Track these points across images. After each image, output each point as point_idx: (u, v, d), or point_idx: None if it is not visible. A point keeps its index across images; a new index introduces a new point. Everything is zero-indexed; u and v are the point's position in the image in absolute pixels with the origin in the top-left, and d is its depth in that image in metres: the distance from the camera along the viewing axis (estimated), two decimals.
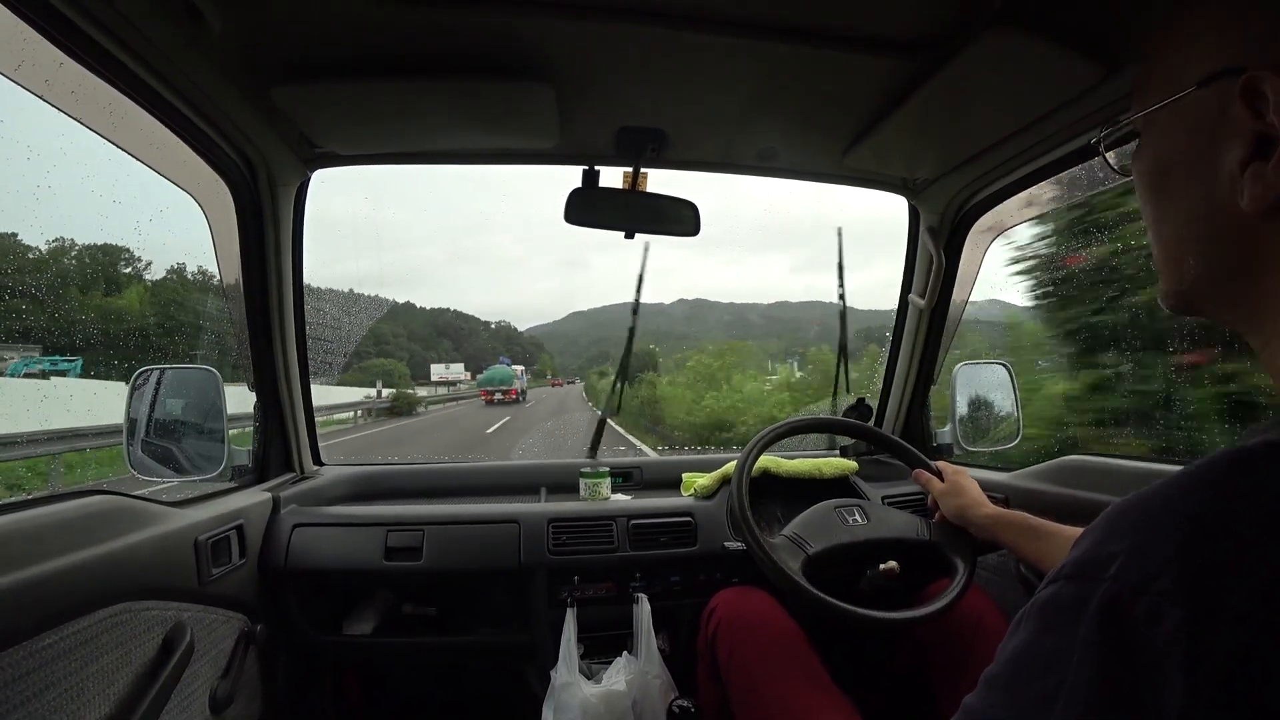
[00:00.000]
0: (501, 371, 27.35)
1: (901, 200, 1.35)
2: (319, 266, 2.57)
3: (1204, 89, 0.35)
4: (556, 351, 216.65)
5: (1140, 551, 0.27)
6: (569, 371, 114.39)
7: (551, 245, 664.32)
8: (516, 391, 25.68)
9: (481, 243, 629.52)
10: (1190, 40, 0.37)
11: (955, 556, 0.96)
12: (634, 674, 1.04)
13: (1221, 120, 0.34)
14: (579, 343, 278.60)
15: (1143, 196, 0.41)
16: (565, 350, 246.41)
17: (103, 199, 2.61)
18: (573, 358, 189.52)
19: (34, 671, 0.57)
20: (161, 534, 0.79)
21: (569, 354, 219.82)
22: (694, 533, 1.18)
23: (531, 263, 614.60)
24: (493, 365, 30.60)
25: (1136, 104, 0.40)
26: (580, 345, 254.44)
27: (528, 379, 33.56)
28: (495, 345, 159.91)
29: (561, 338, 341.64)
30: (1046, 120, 0.93)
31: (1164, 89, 0.37)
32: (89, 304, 13.47)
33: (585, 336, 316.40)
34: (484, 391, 25.91)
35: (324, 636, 1.12)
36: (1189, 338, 2.01)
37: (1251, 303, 0.35)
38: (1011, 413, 1.42)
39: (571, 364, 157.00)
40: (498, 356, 61.78)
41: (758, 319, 77.87)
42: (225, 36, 0.75)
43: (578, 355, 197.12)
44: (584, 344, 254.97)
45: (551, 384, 69.40)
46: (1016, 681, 0.30)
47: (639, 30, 0.77)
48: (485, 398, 25.35)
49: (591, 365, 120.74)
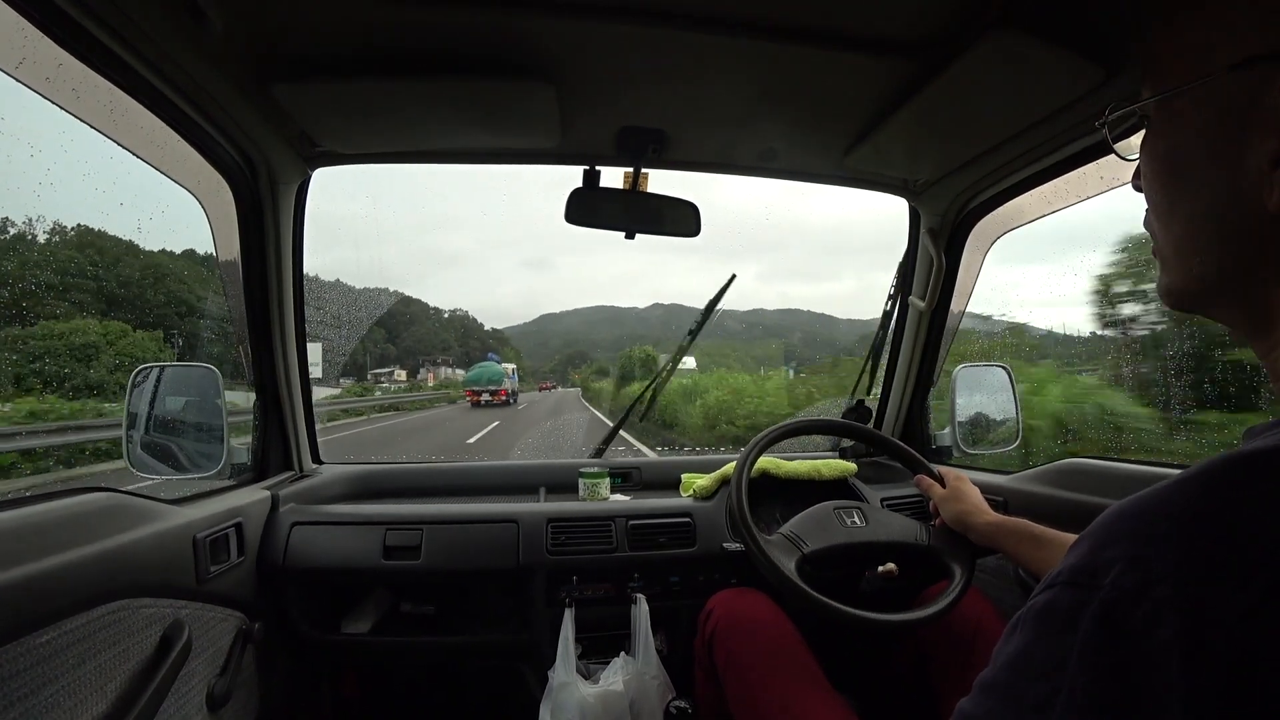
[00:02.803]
0: (490, 370, 22.88)
1: (868, 206, 1.36)
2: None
3: (1235, 74, 0.32)
4: (526, 353, 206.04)
5: (1138, 558, 0.27)
6: (540, 375, 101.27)
7: (520, 247, 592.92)
8: (506, 392, 22.12)
9: (445, 242, 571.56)
10: (1220, 21, 0.34)
11: (953, 563, 0.95)
12: (632, 674, 1.04)
13: (1253, 109, 0.31)
14: (549, 345, 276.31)
15: (1151, 186, 0.39)
16: (535, 353, 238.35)
17: (105, 197, 2.62)
18: (543, 359, 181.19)
19: (31, 668, 0.57)
20: (160, 531, 0.79)
21: (539, 356, 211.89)
22: (693, 533, 1.18)
23: (493, 264, 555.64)
24: (480, 363, 25.46)
25: (1151, 85, 0.38)
26: (551, 348, 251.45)
27: (519, 379, 28.61)
28: (447, 338, 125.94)
29: (532, 338, 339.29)
30: (1048, 122, 0.93)
31: (1187, 71, 0.35)
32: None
33: (557, 339, 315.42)
34: (470, 391, 22.46)
35: (322, 635, 1.12)
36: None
37: (1260, 304, 0.34)
38: (1011, 415, 1.42)
39: (543, 366, 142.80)
40: (444, 349, 46.68)
41: (737, 325, 77.19)
42: (227, 35, 0.75)
43: (548, 358, 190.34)
44: (555, 346, 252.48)
45: (540, 388, 59.09)
46: (1012, 687, 0.30)
47: (641, 30, 0.77)
48: (471, 399, 22.06)
49: (567, 367, 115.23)
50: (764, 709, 0.85)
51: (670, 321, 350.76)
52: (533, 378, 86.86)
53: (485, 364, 23.58)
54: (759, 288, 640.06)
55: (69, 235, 21.66)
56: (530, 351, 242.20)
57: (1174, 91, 0.36)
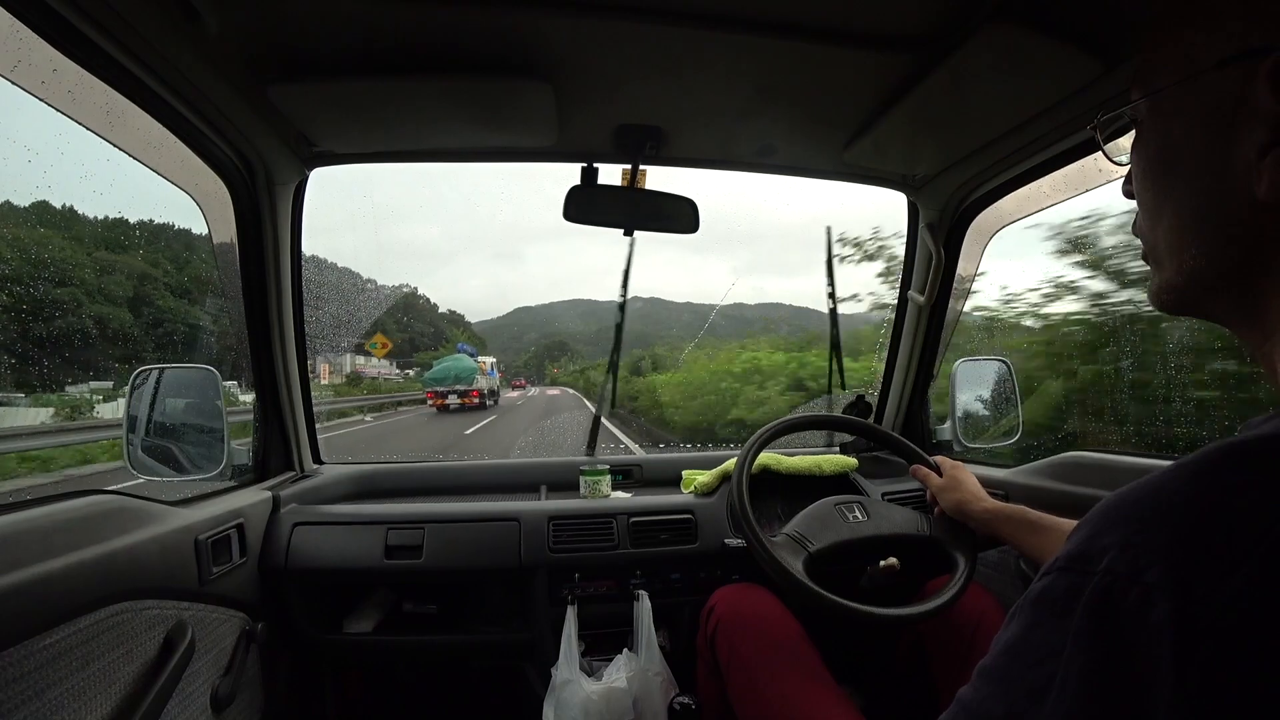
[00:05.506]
0: (458, 365, 16.37)
1: (846, 200, 1.36)
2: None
3: (1222, 70, 0.33)
4: (500, 347, 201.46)
5: (1131, 543, 0.27)
6: (514, 370, 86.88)
7: (492, 240, 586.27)
8: (479, 393, 16.25)
9: (423, 235, 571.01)
10: (1207, 20, 0.34)
11: (956, 552, 0.96)
12: (634, 671, 1.04)
13: (1240, 104, 0.32)
14: (523, 339, 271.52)
15: (1143, 185, 0.39)
16: (509, 346, 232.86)
17: (104, 200, 2.62)
18: (516, 354, 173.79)
19: (35, 671, 0.58)
20: (162, 533, 0.79)
21: (513, 350, 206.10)
22: (694, 530, 1.18)
23: (464, 257, 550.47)
24: (448, 355, 18.27)
25: (1140, 87, 0.38)
26: (525, 341, 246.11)
27: (499, 376, 22.28)
28: (384, 320, 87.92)
29: (506, 331, 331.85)
30: (1046, 116, 0.93)
31: (1175, 70, 0.35)
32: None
33: (533, 331, 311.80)
34: (431, 394, 16.05)
35: (325, 635, 1.12)
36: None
37: (1254, 299, 0.34)
38: (1012, 409, 1.42)
39: (516, 360, 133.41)
40: (370, 329, 26.81)
41: (719, 319, 76.03)
42: (222, 36, 0.75)
43: (521, 351, 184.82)
44: (530, 339, 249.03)
45: (513, 385, 46.33)
46: (1010, 673, 0.30)
47: (637, 27, 0.77)
48: (434, 403, 15.77)
49: (544, 360, 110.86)
50: (767, 703, 0.86)
51: (650, 315, 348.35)
52: (503, 370, 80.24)
53: (454, 357, 17.08)
54: (735, 282, 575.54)
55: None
56: (503, 345, 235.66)
57: (1163, 91, 0.36)
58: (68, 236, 15.27)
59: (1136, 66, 0.40)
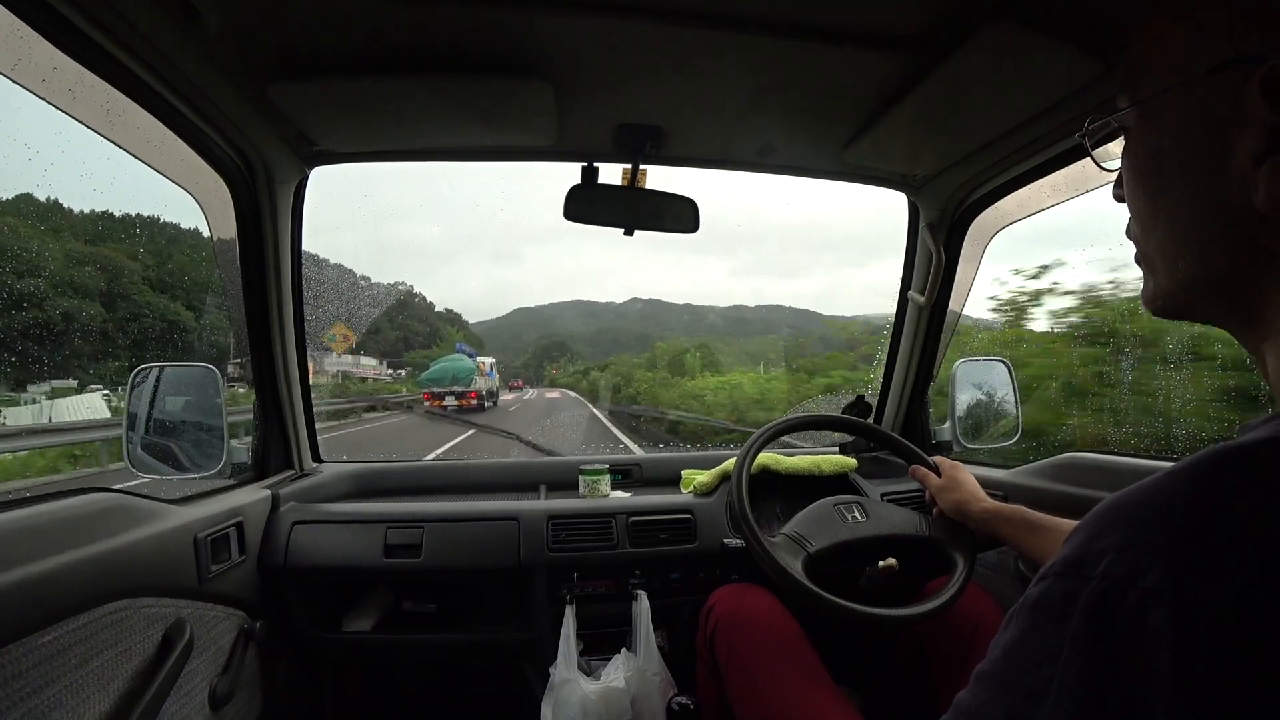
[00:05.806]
0: (456, 365, 15.89)
1: (847, 201, 1.36)
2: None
3: (1213, 77, 0.32)
4: (499, 348, 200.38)
5: (1128, 547, 0.27)
6: (512, 371, 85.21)
7: (492, 240, 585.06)
8: (478, 394, 15.72)
9: (421, 235, 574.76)
10: (1197, 26, 0.34)
11: (955, 552, 0.95)
12: (633, 671, 1.04)
13: (1232, 111, 0.32)
14: (522, 339, 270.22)
15: (1134, 192, 0.39)
16: (508, 346, 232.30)
17: (103, 198, 2.62)
18: (515, 354, 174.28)
19: (34, 668, 0.58)
20: (161, 531, 0.79)
21: (512, 350, 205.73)
22: (693, 530, 1.18)
23: (464, 257, 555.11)
24: (445, 355, 18.03)
25: (1129, 93, 0.38)
26: (524, 342, 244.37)
27: (498, 376, 21.36)
28: (374, 316, 68.63)
29: (504, 332, 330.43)
30: (1046, 116, 0.93)
31: (1164, 76, 0.35)
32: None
33: (532, 332, 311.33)
34: (428, 395, 15.37)
35: (323, 633, 1.12)
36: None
37: (1250, 302, 0.34)
38: (1011, 410, 1.42)
39: (515, 361, 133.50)
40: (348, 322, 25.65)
41: (718, 320, 75.37)
42: (222, 35, 0.75)
43: (520, 351, 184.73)
44: (529, 340, 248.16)
45: (509, 386, 43.60)
46: (1008, 678, 0.30)
47: (637, 26, 0.77)
48: (431, 405, 14.95)
49: (543, 361, 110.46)
50: (766, 704, 0.86)
51: (650, 316, 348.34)
52: (501, 371, 78.32)
53: (453, 357, 16.70)
54: (733, 284, 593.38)
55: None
56: (503, 346, 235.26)
57: (1153, 98, 0.36)
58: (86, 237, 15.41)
59: (1123, 72, 0.39)
